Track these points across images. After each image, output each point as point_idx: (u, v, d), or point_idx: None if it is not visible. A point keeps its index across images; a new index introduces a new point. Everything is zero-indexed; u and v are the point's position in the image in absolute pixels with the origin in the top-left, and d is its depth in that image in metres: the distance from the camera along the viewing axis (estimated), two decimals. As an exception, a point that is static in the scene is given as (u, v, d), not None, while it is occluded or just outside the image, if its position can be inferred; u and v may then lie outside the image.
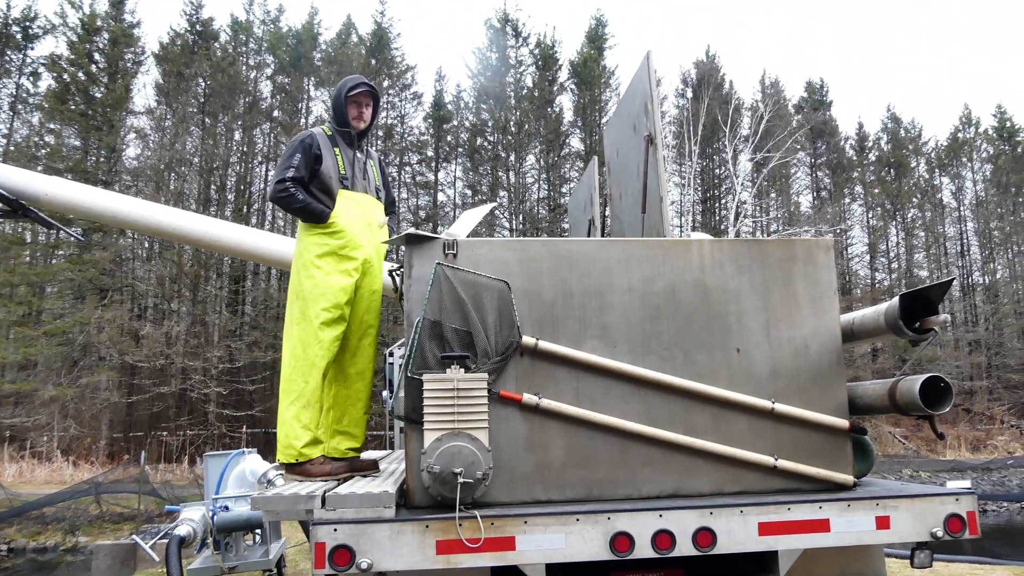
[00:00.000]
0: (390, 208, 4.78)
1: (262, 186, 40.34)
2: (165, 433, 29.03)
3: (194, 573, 7.62)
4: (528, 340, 3.66)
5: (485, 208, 4.89)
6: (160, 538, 9.05)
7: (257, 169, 40.04)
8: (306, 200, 4.16)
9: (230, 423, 30.49)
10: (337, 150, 4.35)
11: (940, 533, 3.49)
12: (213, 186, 37.05)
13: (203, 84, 37.70)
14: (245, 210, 37.43)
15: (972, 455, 34.08)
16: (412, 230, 3.74)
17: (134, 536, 11.13)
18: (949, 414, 38.02)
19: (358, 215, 4.30)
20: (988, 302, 48.71)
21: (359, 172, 4.47)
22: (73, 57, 33.69)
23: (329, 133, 4.40)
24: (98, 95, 34.28)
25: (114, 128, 33.65)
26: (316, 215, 4.17)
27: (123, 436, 30.19)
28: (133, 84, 35.69)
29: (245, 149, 38.95)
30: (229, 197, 38.06)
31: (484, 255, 3.76)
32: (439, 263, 3.65)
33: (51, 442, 27.05)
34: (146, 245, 35.83)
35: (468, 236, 4.13)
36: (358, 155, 4.49)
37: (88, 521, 17.25)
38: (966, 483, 4.03)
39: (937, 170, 52.91)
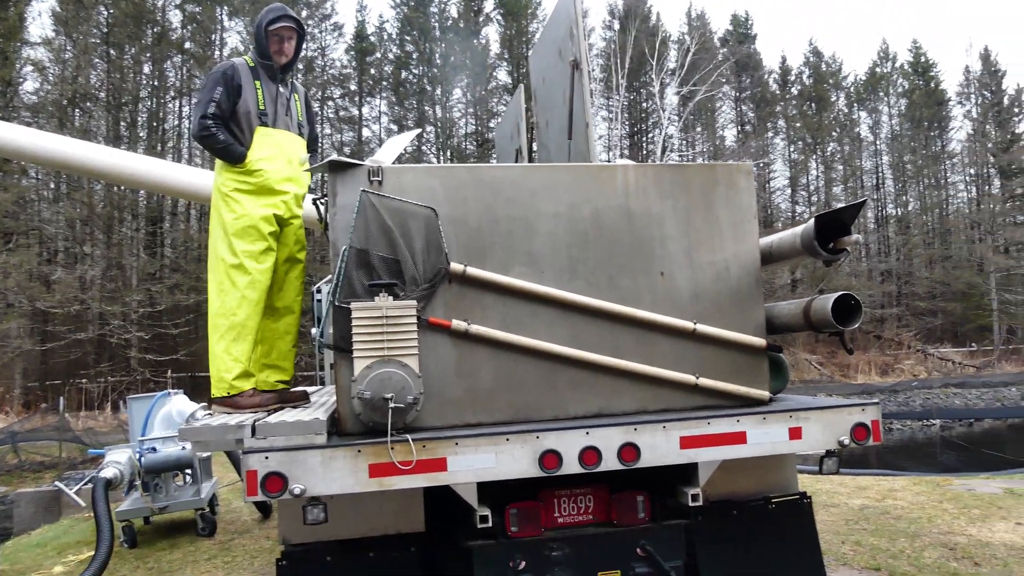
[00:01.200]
0: (313, 145, 4.66)
1: (176, 123, 38.76)
2: (85, 380, 28.19)
3: (123, 515, 7.54)
4: (456, 267, 3.66)
5: (410, 134, 4.83)
6: (85, 483, 8.90)
7: (170, 104, 38.37)
8: (227, 141, 4.06)
9: (154, 368, 29.82)
10: (258, 83, 4.20)
11: (847, 441, 3.70)
12: (123, 123, 35.34)
13: (105, 13, 35.55)
14: (159, 148, 35.91)
15: (881, 378, 36.01)
16: (335, 157, 3.66)
17: (57, 483, 10.91)
18: (860, 340, 39.95)
19: (276, 152, 4.20)
20: (900, 233, 50.81)
21: (281, 108, 4.34)
22: (-41, -18, 31.33)
23: (251, 64, 4.24)
24: (-11, 23, 32.05)
25: (8, 60, 31.57)
26: (233, 155, 4.08)
27: (39, 385, 29.22)
28: (27, 12, 33.38)
29: (156, 83, 37.16)
30: (141, 134, 36.42)
31: (410, 182, 3.72)
32: (364, 190, 3.60)
33: (-38, 392, 26.02)
34: (52, 186, 34.17)
35: (393, 163, 4.08)
36: (281, 89, 4.35)
37: (6, 471, 16.75)
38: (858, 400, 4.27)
39: (856, 104, 54.29)
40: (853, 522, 6.88)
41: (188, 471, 8.18)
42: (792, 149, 51.69)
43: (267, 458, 3.12)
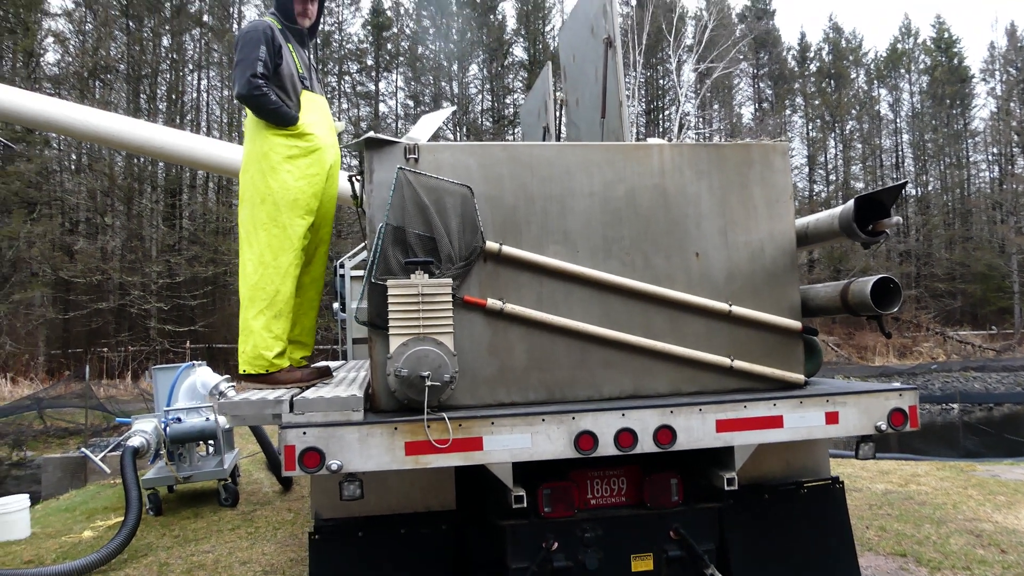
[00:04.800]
0: None
1: (195, 95, 38.77)
2: (105, 349, 28.55)
3: (149, 483, 7.64)
4: (492, 245, 3.64)
5: (445, 112, 4.79)
6: (111, 451, 9.03)
7: (189, 77, 38.35)
8: (278, 102, 3.84)
9: (172, 338, 30.10)
10: (290, 46, 4.06)
11: (884, 426, 3.67)
12: (143, 95, 35.38)
13: (125, -16, 35.51)
14: (178, 120, 35.97)
15: (899, 361, 35.81)
16: (372, 134, 3.63)
17: (83, 449, 11.07)
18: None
19: (320, 118, 4.07)
20: (920, 213, 50.28)
21: (313, 72, 4.29)
22: (-21, -48, 31.32)
23: (279, 27, 4.04)
24: (9, -5, 32.08)
25: (30, 31, 31.63)
26: (286, 118, 3.86)
27: (61, 352, 29.60)
28: (47, -17, 33.41)
29: (175, 56, 37.12)
30: (160, 106, 36.47)
31: (446, 160, 3.69)
32: (401, 167, 3.58)
33: (-14, 359, 26.39)
34: (74, 157, 34.37)
35: (428, 140, 4.05)
36: (309, 54, 4.29)
37: (33, 436, 17.01)
38: (896, 384, 4.23)
39: (876, 81, 53.54)
40: (877, 507, 6.86)
41: (211, 442, 8.27)
42: (811, 127, 51.12)
43: (304, 433, 3.13)
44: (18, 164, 29.13)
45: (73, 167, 34.48)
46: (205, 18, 38.09)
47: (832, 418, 3.63)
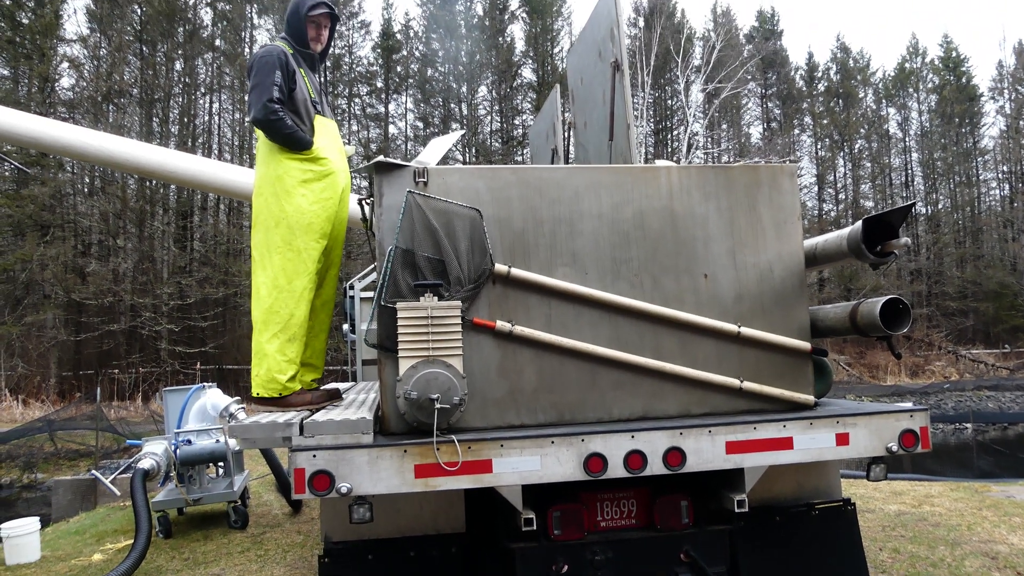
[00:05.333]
0: None
1: (206, 119, 39.13)
2: (116, 371, 28.63)
3: (159, 505, 7.64)
4: (500, 268, 3.66)
5: (454, 136, 4.84)
6: (121, 473, 9.05)
7: (201, 101, 38.74)
8: (293, 127, 3.87)
9: (183, 360, 30.17)
10: (303, 71, 4.11)
11: (895, 448, 3.66)
12: (155, 118, 35.75)
13: (139, 11, 35.99)
14: (190, 143, 36.30)
15: (911, 380, 35.52)
16: (382, 158, 3.68)
17: (93, 471, 11.08)
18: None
19: (332, 142, 4.12)
20: (930, 232, 50.07)
21: (324, 97, 4.34)
22: (-4, -20, 31.85)
23: (291, 52, 4.10)
24: (25, 21, 32.54)
25: (46, 57, 32.07)
26: (301, 143, 3.90)
27: (73, 374, 29.70)
28: (63, 9, 33.88)
29: (187, 80, 37.53)
30: (172, 130, 36.80)
31: (455, 183, 3.73)
32: (410, 191, 3.61)
33: (-2, 380, 26.53)
34: (87, 180, 34.68)
35: (438, 164, 4.08)
36: (320, 79, 4.35)
37: (44, 458, 17.05)
38: (906, 405, 4.21)
39: (884, 100, 53.55)
40: (890, 528, 6.80)
41: (221, 464, 8.26)
42: (819, 146, 51.11)
43: (315, 456, 3.14)
44: (32, 187, 29.44)
45: (86, 190, 34.80)
46: (217, 42, 38.54)
47: (843, 439, 3.62)
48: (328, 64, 37.89)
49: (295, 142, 3.89)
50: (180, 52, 36.92)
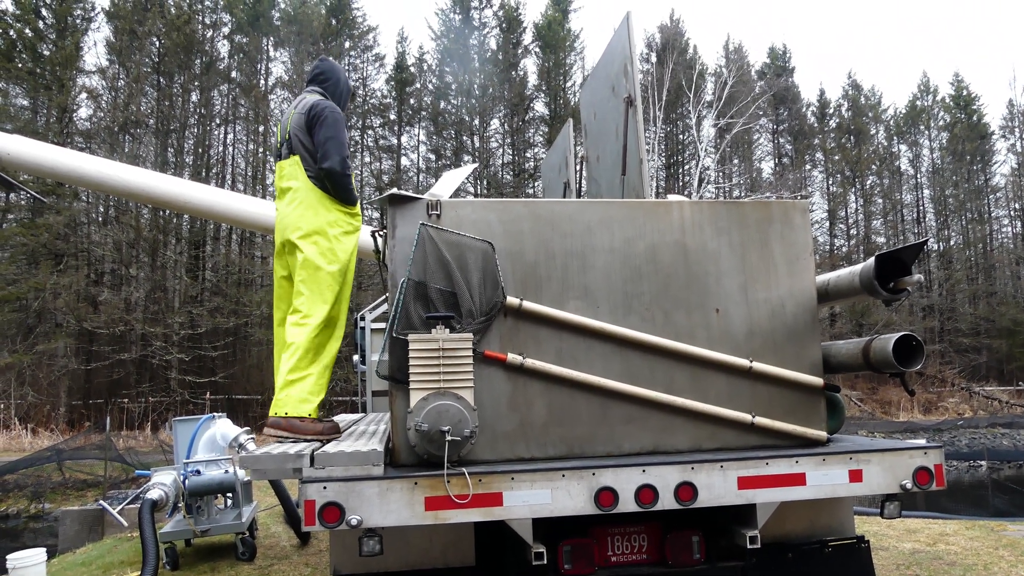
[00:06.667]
0: None
1: (221, 149, 39.56)
2: (126, 400, 28.64)
3: (167, 536, 7.60)
4: (512, 300, 3.68)
5: (467, 169, 4.88)
6: (129, 503, 9.01)
7: (216, 132, 39.21)
8: (352, 184, 4.17)
9: (193, 389, 30.17)
10: None
11: (909, 485, 3.62)
12: (171, 148, 36.17)
13: (157, 43, 36.61)
14: (204, 173, 36.67)
15: (924, 417, 35.14)
16: (395, 191, 3.72)
17: (100, 501, 11.05)
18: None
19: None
20: (942, 268, 49.86)
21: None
22: (19, 12, 32.44)
23: None
24: (46, 53, 33.15)
25: (65, 87, 32.60)
26: (353, 199, 4.16)
27: (82, 403, 29.71)
28: (83, 42, 34.53)
29: (203, 111, 38.04)
30: (187, 160, 37.22)
31: (467, 216, 3.76)
32: (423, 224, 3.65)
33: (8, 410, 26.52)
34: (101, 209, 35.01)
35: (450, 197, 4.12)
36: None
37: (51, 488, 17.00)
38: (920, 442, 4.17)
39: (895, 137, 53.69)
40: (904, 567, 6.69)
41: (230, 494, 8.23)
42: (831, 182, 51.18)
43: (325, 488, 3.14)
44: (47, 216, 29.74)
45: (100, 219, 35.13)
46: (233, 74, 39.10)
47: (856, 476, 3.59)
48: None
49: (350, 196, 4.13)
50: (196, 83, 37.44)
